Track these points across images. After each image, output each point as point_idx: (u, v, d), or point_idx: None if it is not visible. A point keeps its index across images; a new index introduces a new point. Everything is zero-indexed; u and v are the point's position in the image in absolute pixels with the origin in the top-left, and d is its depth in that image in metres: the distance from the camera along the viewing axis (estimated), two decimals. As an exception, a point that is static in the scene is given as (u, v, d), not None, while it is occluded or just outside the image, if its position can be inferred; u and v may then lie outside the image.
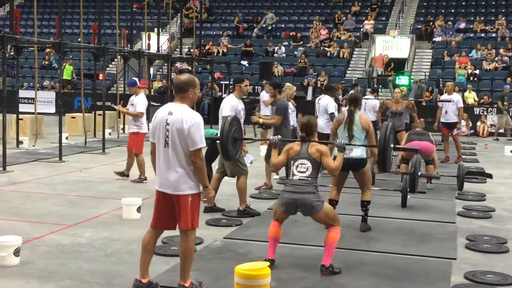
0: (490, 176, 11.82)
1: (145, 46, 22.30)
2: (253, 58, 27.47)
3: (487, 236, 7.34)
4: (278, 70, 25.65)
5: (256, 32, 29.66)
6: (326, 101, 11.54)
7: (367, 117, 12.66)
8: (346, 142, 7.17)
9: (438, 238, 7.22)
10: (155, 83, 25.15)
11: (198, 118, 4.93)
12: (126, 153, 10.78)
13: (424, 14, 29.90)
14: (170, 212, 5.02)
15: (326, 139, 11.61)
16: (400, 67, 24.71)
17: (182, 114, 4.88)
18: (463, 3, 30.34)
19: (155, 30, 25.94)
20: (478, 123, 21.27)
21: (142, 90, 10.95)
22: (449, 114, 13.63)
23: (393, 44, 27.13)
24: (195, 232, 5.09)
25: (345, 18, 29.56)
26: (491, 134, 20.88)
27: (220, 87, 24.02)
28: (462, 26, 27.90)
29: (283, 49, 27.73)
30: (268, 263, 4.68)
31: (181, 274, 5.08)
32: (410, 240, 7.12)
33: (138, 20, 27.55)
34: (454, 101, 13.55)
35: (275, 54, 27.51)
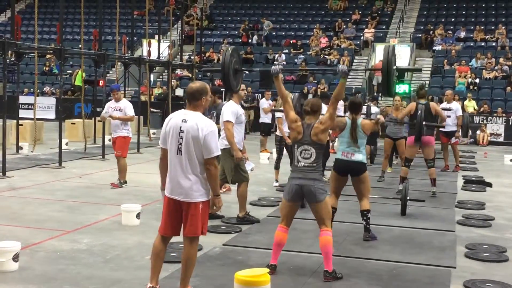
0: (489, 184, 11.83)
1: (145, 53, 22.31)
2: (253, 65, 27.50)
3: (487, 244, 7.34)
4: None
5: (255, 39, 29.71)
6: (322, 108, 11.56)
7: None
8: (349, 148, 7.19)
9: (438, 247, 7.21)
10: (155, 90, 25.17)
11: (213, 126, 4.97)
12: (126, 159, 10.73)
13: (424, 22, 29.97)
14: (178, 218, 5.04)
15: (325, 146, 11.67)
16: (399, 76, 24.75)
17: (197, 122, 4.89)
18: (463, 12, 30.42)
19: (156, 37, 25.98)
20: (478, 132, 21.28)
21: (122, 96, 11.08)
22: (447, 123, 13.62)
23: (393, 52, 27.15)
24: (198, 239, 5.09)
25: (345, 26, 29.63)
26: (491, 143, 20.88)
27: (220, 94, 24.01)
28: (462, 35, 27.97)
29: (284, 56, 27.77)
30: (267, 270, 4.66)
31: (182, 280, 5.08)
32: (409, 248, 7.11)
33: (139, 27, 27.60)
34: (453, 109, 13.56)
35: (275, 62, 27.54)
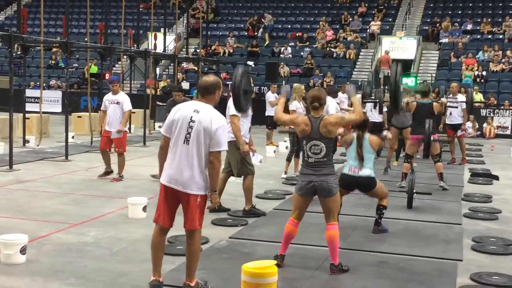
0: (496, 177, 11.79)
1: (151, 46, 22.30)
2: (259, 58, 27.47)
3: (493, 237, 7.32)
4: (284, 70, 25.66)
5: (261, 32, 29.67)
6: (328, 102, 11.51)
7: (373, 117, 12.69)
8: (355, 164, 7.15)
9: (444, 240, 7.20)
10: (161, 83, 25.18)
11: (224, 120, 5.05)
12: (132, 152, 10.77)
13: (430, 15, 29.85)
14: (175, 209, 5.08)
15: (333, 140, 11.63)
16: (406, 69, 24.68)
17: (210, 115, 4.92)
18: (470, 5, 30.27)
19: (162, 30, 25.98)
20: (484, 125, 21.22)
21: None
22: (453, 116, 13.57)
23: (399, 45, 27.08)
24: (201, 232, 5.11)
25: (351, 19, 29.55)
26: (498, 136, 20.82)
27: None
28: (469, 27, 27.84)
29: (289, 49, 27.73)
30: (275, 262, 4.63)
31: (187, 273, 5.09)
32: (416, 241, 7.10)
33: (144, 20, 27.58)
34: (459, 102, 13.50)
35: (281, 55, 27.51)
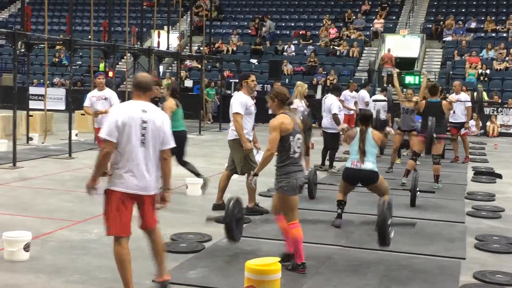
0: (499, 176, 11.78)
1: (155, 44, 22.33)
2: (262, 56, 27.47)
3: (497, 236, 7.31)
4: (287, 68, 25.65)
5: (264, 30, 29.65)
6: (331, 101, 11.54)
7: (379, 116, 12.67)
8: (358, 158, 7.16)
9: (447, 238, 7.19)
10: (164, 81, 25.17)
11: (167, 116, 5.03)
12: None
13: (434, 13, 29.80)
14: (130, 215, 4.87)
15: (331, 138, 11.64)
16: (409, 67, 24.65)
17: (157, 113, 4.86)
18: (474, 3, 30.22)
19: (165, 28, 25.98)
20: (488, 123, 21.19)
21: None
22: (457, 114, 13.54)
23: (403, 43, 27.04)
24: None
25: (355, 17, 29.52)
26: (501, 134, 20.78)
27: (229, 85, 24.05)
28: (473, 25, 27.79)
29: (293, 47, 27.72)
30: (279, 258, 4.61)
31: (162, 269, 5.02)
32: (419, 239, 7.09)
33: (148, 17, 27.59)
34: (462, 100, 13.49)
35: (285, 53, 27.50)
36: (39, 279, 5.30)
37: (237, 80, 22.93)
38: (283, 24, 30.58)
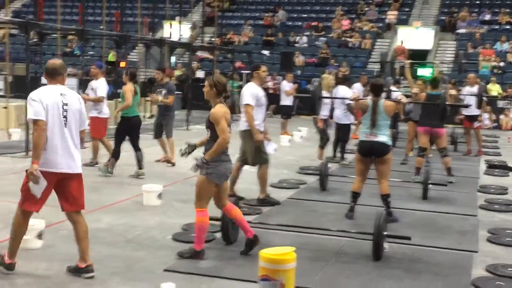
0: (512, 169, 11.70)
1: (166, 34, 22.36)
2: (274, 47, 27.40)
3: (509, 229, 7.27)
4: (299, 60, 25.58)
5: (277, 18, 29.57)
6: (344, 92, 11.49)
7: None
8: (371, 130, 7.16)
9: (459, 231, 7.15)
10: (176, 72, 25.18)
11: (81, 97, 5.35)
12: (144, 140, 10.78)
13: (448, 5, 29.58)
14: (48, 195, 5.12)
15: (343, 129, 11.60)
16: (422, 59, 24.50)
17: (75, 95, 5.21)
18: (488, -5, 29.98)
19: (177, 18, 25.98)
20: (501, 116, 21.03)
21: (103, 75, 10.85)
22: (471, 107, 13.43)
23: (416, 35, 26.87)
24: None
25: (367, 8, 29.36)
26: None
27: (241, 77, 24.02)
28: (487, 17, 27.57)
29: (305, 39, 27.62)
30: (293, 248, 4.55)
31: (85, 256, 5.13)
32: (430, 232, 7.06)
33: (160, 8, 27.57)
34: (476, 93, 13.39)
35: (297, 44, 27.41)
36: (52, 267, 5.32)
37: (248, 71, 22.95)
38: (296, 15, 30.47)
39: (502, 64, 23.91)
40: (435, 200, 8.72)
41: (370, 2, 29.99)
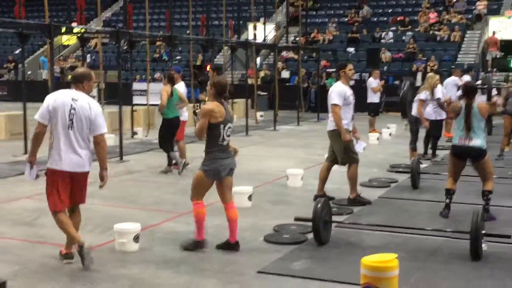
0: None
1: (251, 36, 22.47)
2: (359, 44, 27.07)
3: None
4: (385, 56, 25.16)
5: (362, 13, 29.20)
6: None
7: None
8: (465, 134, 6.95)
9: None
10: (261, 73, 25.33)
11: (100, 107, 5.70)
12: (235, 142, 10.85)
13: (542, -9, 28.26)
14: (68, 191, 5.50)
15: (434, 126, 11.28)
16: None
17: (88, 102, 5.50)
18: None
19: (261, 19, 26.09)
20: None
21: (181, 79, 11.07)
22: None
23: (508, 25, 25.80)
24: None
25: (456, 0, 28.48)
26: None
27: (327, 75, 23.88)
28: None
29: (391, 34, 27.13)
30: (395, 255, 4.45)
31: (71, 243, 5.54)
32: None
33: (244, 10, 27.81)
34: None
35: (382, 40, 26.98)
36: (149, 270, 5.46)
37: (334, 70, 22.77)
38: (380, 10, 29.98)
39: None
40: (535, 197, 8.33)
41: (458, -7, 29.07)
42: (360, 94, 17.02)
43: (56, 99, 5.43)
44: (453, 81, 14.85)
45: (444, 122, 11.91)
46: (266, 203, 8.09)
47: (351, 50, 26.76)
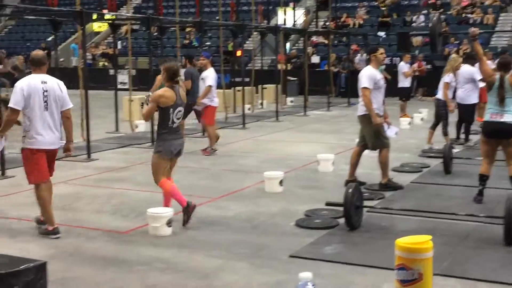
0: None
1: (281, 21, 22.46)
2: (390, 28, 26.79)
3: None
4: (416, 40, 24.86)
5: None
6: (469, 70, 11.02)
7: None
8: (497, 109, 6.85)
9: None
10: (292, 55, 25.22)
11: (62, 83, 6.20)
12: (264, 128, 10.95)
13: None
14: (45, 165, 6.03)
15: (466, 110, 11.14)
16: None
17: (56, 82, 6.06)
18: None
19: (291, 4, 26.01)
20: None
21: (211, 65, 11.14)
22: None
23: (543, 7, 25.31)
24: None
25: (489, -19, 27.97)
26: None
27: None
28: None
29: (422, 18, 26.78)
30: (430, 237, 4.42)
31: (52, 218, 6.00)
32: None
33: (273, -5, 27.69)
34: None
35: (414, 24, 26.65)
36: (182, 254, 5.54)
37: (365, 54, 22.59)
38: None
39: None
40: None
41: (491, -26, 28.53)
42: (391, 79, 16.94)
43: (29, 85, 5.87)
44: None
45: (476, 107, 11.75)
46: (297, 188, 8.11)
47: (382, 34, 26.49)
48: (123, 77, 20.38)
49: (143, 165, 9.86)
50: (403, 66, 15.77)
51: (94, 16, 14.00)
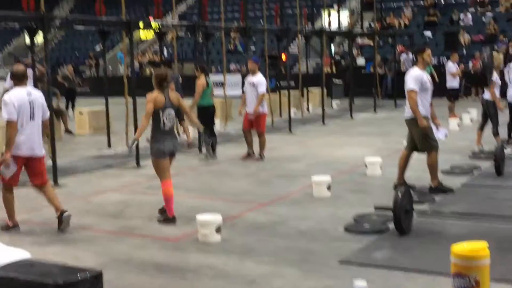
0: None
1: (325, 24, 22.34)
2: (437, 28, 26.40)
3: None
4: (464, 38, 24.43)
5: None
6: (448, 67, 10.81)
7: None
8: None
9: None
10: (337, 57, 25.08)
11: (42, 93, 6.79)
12: (311, 132, 10.90)
13: None
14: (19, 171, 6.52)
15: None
16: None
17: (38, 94, 6.63)
18: None
19: (335, 6, 25.87)
20: None
21: (257, 70, 11.00)
22: None
23: None
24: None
25: (538, -23, 27.30)
26: None
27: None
28: None
29: (470, 16, 26.30)
30: (486, 244, 4.32)
31: (58, 206, 6.51)
32: None
33: (317, -2, 27.59)
34: None
35: (461, 22, 26.20)
36: (231, 260, 5.56)
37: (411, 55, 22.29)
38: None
39: None
40: None
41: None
42: (439, 79, 16.68)
43: (18, 98, 6.36)
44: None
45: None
46: (345, 192, 8.05)
47: (428, 34, 26.12)
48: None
49: (192, 171, 9.96)
50: (451, 66, 15.51)
51: (141, 24, 14.19)
